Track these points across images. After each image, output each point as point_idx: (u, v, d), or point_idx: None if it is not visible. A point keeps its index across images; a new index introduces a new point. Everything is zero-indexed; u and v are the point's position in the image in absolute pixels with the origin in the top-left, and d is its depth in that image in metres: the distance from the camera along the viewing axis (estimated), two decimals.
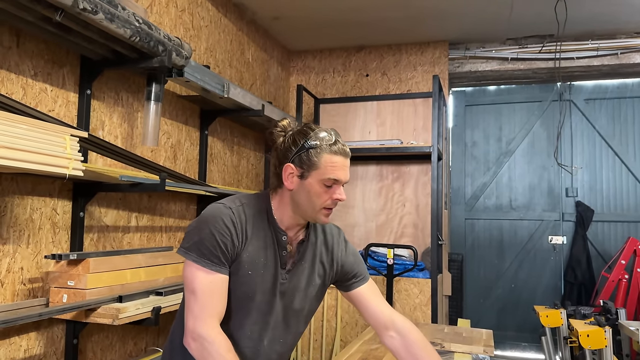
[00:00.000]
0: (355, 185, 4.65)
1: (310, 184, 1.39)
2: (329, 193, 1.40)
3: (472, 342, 2.56)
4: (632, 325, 3.45)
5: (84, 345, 2.51)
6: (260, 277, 1.42)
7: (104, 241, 2.64)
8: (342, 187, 1.41)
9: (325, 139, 1.39)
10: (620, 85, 5.30)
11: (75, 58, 2.47)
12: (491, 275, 5.48)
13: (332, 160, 1.38)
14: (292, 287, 1.48)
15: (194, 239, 1.37)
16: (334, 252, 1.58)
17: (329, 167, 1.38)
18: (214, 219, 1.38)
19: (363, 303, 1.61)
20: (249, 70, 4.29)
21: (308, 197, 1.40)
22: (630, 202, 5.20)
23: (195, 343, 1.31)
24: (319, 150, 1.38)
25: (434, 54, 4.95)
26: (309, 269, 1.51)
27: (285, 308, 1.49)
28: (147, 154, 2.95)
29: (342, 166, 1.40)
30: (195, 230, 1.39)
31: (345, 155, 1.41)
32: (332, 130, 1.43)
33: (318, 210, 1.41)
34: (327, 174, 1.38)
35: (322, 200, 1.40)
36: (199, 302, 1.33)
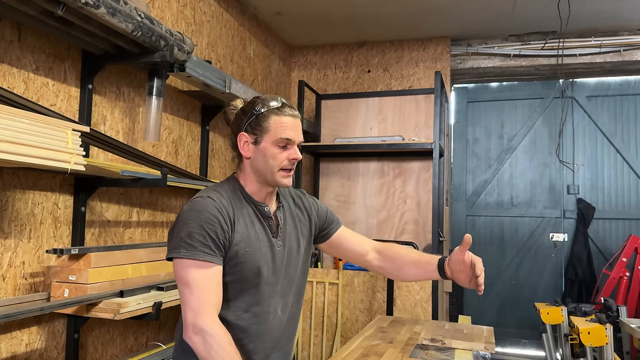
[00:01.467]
0: (357, 182, 4.64)
1: (265, 147, 1.45)
2: (284, 154, 1.45)
3: (473, 339, 2.56)
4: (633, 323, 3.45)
5: (85, 339, 2.51)
6: (259, 252, 1.46)
7: (105, 236, 2.64)
8: (296, 147, 1.47)
9: (272, 104, 1.46)
10: (622, 82, 5.28)
11: (77, 52, 2.46)
12: (492, 272, 5.48)
13: (281, 121, 1.45)
14: (288, 251, 1.55)
15: (181, 235, 1.37)
16: (307, 207, 1.67)
17: (279, 128, 1.44)
18: (197, 212, 1.40)
19: (345, 243, 1.73)
20: (250, 66, 4.28)
21: (265, 161, 1.45)
22: (632, 200, 5.19)
23: (197, 337, 1.31)
24: (267, 114, 1.45)
25: (436, 50, 4.94)
26: (293, 230, 1.59)
27: (287, 272, 1.55)
28: (148, 149, 2.95)
29: (292, 126, 1.46)
30: (179, 228, 1.39)
31: (294, 117, 1.48)
32: (279, 97, 1.49)
33: (276, 172, 1.46)
34: (278, 134, 1.44)
35: (278, 162, 1.45)
36: (195, 295, 1.34)
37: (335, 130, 4.71)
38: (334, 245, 1.74)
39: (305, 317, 4.13)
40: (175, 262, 1.38)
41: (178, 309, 2.63)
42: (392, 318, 3.16)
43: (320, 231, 1.70)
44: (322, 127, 4.74)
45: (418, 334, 2.66)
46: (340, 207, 4.65)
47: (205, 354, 1.31)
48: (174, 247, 1.38)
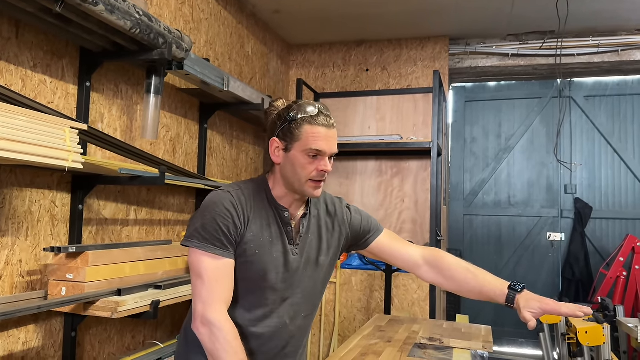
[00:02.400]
0: (355, 181, 4.64)
1: (294, 156, 1.41)
2: (313, 165, 1.40)
3: (471, 338, 2.56)
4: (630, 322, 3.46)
5: (82, 338, 2.50)
6: (269, 255, 1.44)
7: (102, 234, 2.63)
8: (327, 159, 1.42)
9: (308, 111, 1.40)
10: (620, 83, 5.29)
11: (75, 50, 2.45)
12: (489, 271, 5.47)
13: (314, 131, 1.39)
14: (305, 261, 1.50)
15: (196, 226, 1.39)
16: (339, 217, 1.60)
17: (310, 137, 1.39)
18: (214, 204, 1.41)
19: (387, 252, 1.66)
20: (248, 64, 4.27)
21: (293, 170, 1.42)
22: (629, 200, 5.21)
23: (205, 328, 1.33)
24: (300, 122, 1.39)
25: (435, 49, 4.94)
26: (316, 240, 1.53)
27: (301, 282, 1.50)
28: (146, 147, 2.94)
29: (325, 137, 1.40)
30: (197, 218, 1.41)
31: (328, 126, 1.41)
32: (319, 104, 1.44)
33: (304, 182, 1.42)
34: (308, 145, 1.39)
35: (307, 172, 1.40)
36: (206, 287, 1.35)
37: None
38: (375, 254, 1.68)
39: None
40: (189, 251, 1.40)
41: (176, 307, 2.63)
42: (390, 317, 3.16)
43: (356, 241, 1.65)
44: None
45: (416, 333, 2.67)
46: None
47: (210, 346, 1.32)
48: (189, 236, 1.40)
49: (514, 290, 1.53)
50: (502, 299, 1.54)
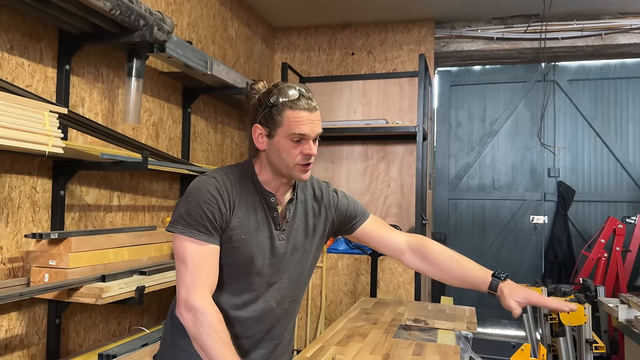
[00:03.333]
0: (341, 165, 4.64)
1: (278, 142, 1.39)
2: (298, 149, 1.39)
3: (455, 319, 2.59)
4: (611, 302, 3.53)
5: (67, 325, 2.48)
6: (256, 241, 1.43)
7: (85, 220, 2.60)
8: (311, 142, 1.41)
9: (289, 95, 1.38)
10: (603, 66, 5.33)
11: (53, 32, 2.39)
12: (473, 254, 5.53)
13: (296, 115, 1.37)
14: (292, 246, 1.50)
15: (181, 211, 1.38)
16: (325, 201, 1.60)
17: (292, 123, 1.37)
18: (199, 190, 1.39)
19: (372, 238, 1.67)
20: (232, 47, 4.22)
21: (278, 155, 1.40)
22: (611, 183, 5.28)
23: (188, 314, 1.32)
24: (282, 107, 1.38)
25: (420, 33, 4.91)
26: (303, 225, 1.53)
27: (287, 267, 1.50)
28: (128, 131, 2.89)
29: (307, 121, 1.38)
30: (182, 204, 1.40)
31: (310, 109, 1.39)
32: (300, 86, 1.42)
33: (291, 167, 1.41)
34: (291, 130, 1.37)
35: (292, 157, 1.39)
36: (189, 273, 1.34)
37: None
38: (361, 239, 1.68)
39: None
40: (174, 236, 1.39)
41: (161, 293, 2.62)
42: (376, 300, 3.18)
43: (342, 226, 1.64)
44: None
45: (401, 314, 2.69)
46: None
47: (194, 332, 1.32)
48: (173, 221, 1.39)
49: (497, 279, 1.56)
50: (485, 286, 1.58)
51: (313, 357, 1.97)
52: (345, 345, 2.13)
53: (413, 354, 2.02)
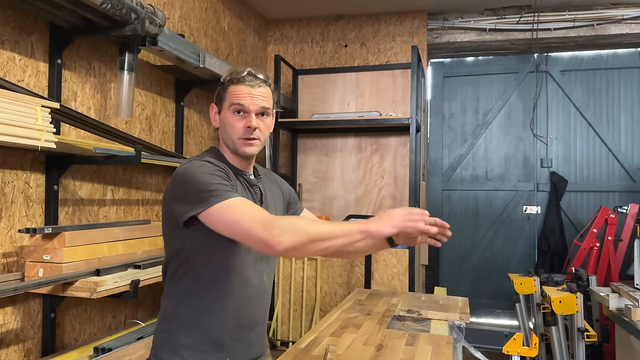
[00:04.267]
0: (335, 158, 4.64)
1: (224, 116, 1.47)
2: (241, 122, 1.44)
3: (448, 310, 2.62)
4: (602, 291, 3.57)
5: (62, 319, 2.49)
6: None
7: (79, 215, 2.60)
8: (253, 116, 1.44)
9: (235, 73, 1.46)
10: (595, 57, 5.35)
11: (44, 26, 2.38)
12: (467, 244, 5.59)
13: (237, 89, 1.44)
14: None
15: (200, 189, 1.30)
16: (279, 183, 1.68)
17: (232, 95, 1.44)
18: (201, 166, 1.36)
19: None
20: (225, 40, 4.20)
21: (225, 130, 1.47)
22: (603, 173, 5.31)
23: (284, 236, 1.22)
24: (228, 84, 1.46)
25: (413, 24, 4.91)
26: (272, 200, 1.59)
27: None
28: (121, 125, 2.89)
29: (248, 94, 1.43)
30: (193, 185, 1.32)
31: (252, 85, 1.44)
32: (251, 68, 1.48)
33: (236, 140, 1.45)
34: (230, 101, 1.44)
35: (235, 130, 1.44)
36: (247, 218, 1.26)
37: (312, 105, 4.68)
38: None
39: (284, 292, 4.17)
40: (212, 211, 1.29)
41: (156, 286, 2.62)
42: (370, 291, 3.21)
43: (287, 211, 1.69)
44: (299, 103, 4.71)
45: (395, 305, 2.71)
46: (318, 183, 4.66)
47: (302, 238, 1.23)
48: (200, 200, 1.29)
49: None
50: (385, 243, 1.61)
51: (307, 348, 1.99)
52: (339, 335, 2.15)
53: (406, 344, 2.05)
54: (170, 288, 1.48)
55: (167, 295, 1.48)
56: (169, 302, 1.48)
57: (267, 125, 1.49)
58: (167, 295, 1.48)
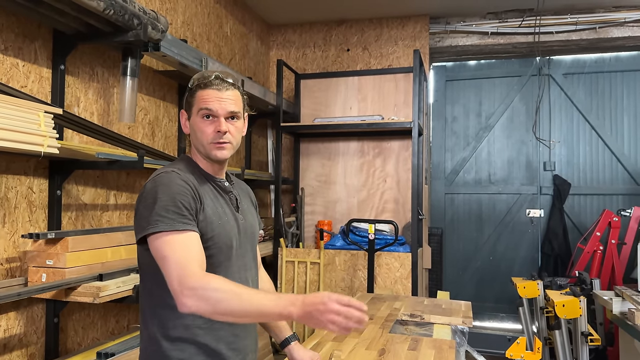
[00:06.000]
0: (337, 162, 4.65)
1: (194, 122, 1.45)
2: (211, 127, 1.43)
3: (451, 314, 2.61)
4: (606, 295, 3.56)
5: (65, 323, 2.49)
6: (228, 224, 1.46)
7: (82, 220, 2.61)
8: (222, 119, 1.43)
9: (202, 78, 1.45)
10: (597, 60, 5.34)
11: (48, 32, 2.40)
12: (470, 248, 5.58)
13: (204, 93, 1.43)
14: (250, 225, 1.57)
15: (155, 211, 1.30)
16: (249, 193, 1.69)
17: (200, 100, 1.43)
18: (166, 186, 1.35)
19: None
20: (227, 45, 4.22)
21: (195, 136, 1.46)
22: (606, 176, 5.30)
23: (191, 298, 1.19)
24: (195, 89, 1.45)
25: (415, 28, 4.92)
26: (247, 204, 1.61)
27: (252, 246, 1.58)
28: (124, 130, 2.90)
29: (215, 98, 1.43)
30: (151, 205, 1.32)
31: (219, 89, 1.44)
32: (219, 72, 1.47)
33: (206, 145, 1.45)
34: (199, 106, 1.43)
35: (206, 135, 1.44)
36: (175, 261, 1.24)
37: (315, 110, 4.68)
38: None
39: None
40: (153, 238, 1.29)
41: None
42: (373, 295, 3.20)
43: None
44: (301, 107, 4.72)
45: (398, 310, 2.71)
46: (321, 187, 4.66)
47: (209, 308, 1.20)
48: (149, 223, 1.29)
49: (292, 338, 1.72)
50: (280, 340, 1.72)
51: None
52: (341, 340, 2.14)
53: (408, 349, 2.04)
54: (151, 308, 1.41)
55: (150, 316, 1.41)
56: (152, 323, 1.40)
57: (238, 128, 1.48)
58: (150, 316, 1.41)
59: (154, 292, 1.40)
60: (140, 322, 1.47)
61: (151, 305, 1.41)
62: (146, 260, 1.38)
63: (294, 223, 4.53)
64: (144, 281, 1.45)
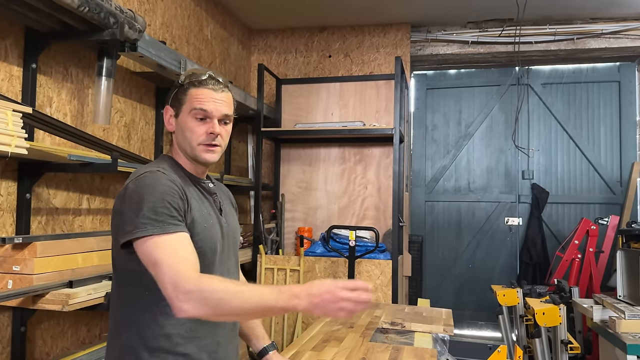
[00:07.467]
0: (318, 168, 4.61)
1: (183, 120, 1.40)
2: (203, 127, 1.39)
3: (432, 322, 2.58)
4: (585, 303, 3.57)
5: (33, 332, 2.39)
6: (214, 228, 1.41)
7: (53, 224, 2.51)
8: (216, 122, 1.40)
9: (195, 76, 1.41)
10: (575, 70, 5.42)
11: (19, 29, 2.31)
12: (450, 255, 5.58)
13: (199, 92, 1.39)
14: (233, 229, 1.52)
15: (142, 213, 1.23)
16: (229, 196, 1.64)
17: (194, 99, 1.38)
18: (152, 186, 1.28)
19: None
20: (207, 48, 4.16)
21: (183, 135, 1.40)
22: (584, 185, 5.36)
23: (188, 302, 1.14)
24: (187, 86, 1.40)
25: (397, 36, 4.93)
26: (228, 207, 1.56)
27: (234, 250, 1.53)
28: (99, 133, 2.82)
29: (210, 99, 1.39)
30: (137, 206, 1.25)
31: (214, 90, 1.40)
32: (211, 71, 1.44)
33: (195, 146, 1.40)
34: (192, 105, 1.38)
35: (196, 136, 1.39)
36: (168, 265, 1.18)
37: (296, 115, 4.64)
38: None
39: None
40: (142, 242, 1.22)
41: None
42: None
43: None
44: (282, 113, 4.67)
45: (378, 317, 2.67)
46: (301, 194, 4.61)
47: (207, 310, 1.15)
48: (137, 226, 1.22)
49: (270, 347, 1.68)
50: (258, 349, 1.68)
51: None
52: (321, 350, 2.09)
53: (389, 358, 2.00)
54: (126, 319, 1.34)
55: (125, 325, 1.33)
56: (129, 331, 1.32)
57: (228, 132, 1.45)
58: (126, 325, 1.33)
59: (134, 299, 1.32)
60: (112, 331, 1.39)
61: (128, 313, 1.34)
62: (127, 265, 1.31)
63: (273, 229, 4.47)
64: (120, 287, 1.37)
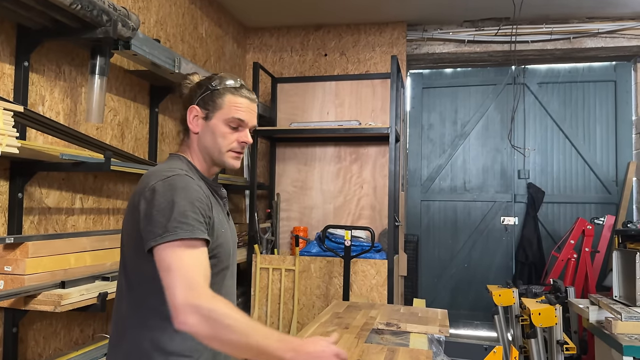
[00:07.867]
0: (314, 167, 4.59)
1: (215, 125, 1.39)
2: (234, 135, 1.40)
3: (427, 322, 2.57)
4: (581, 303, 3.57)
5: (25, 333, 2.36)
6: (227, 232, 1.42)
7: (45, 224, 2.48)
8: (247, 131, 1.42)
9: (230, 82, 1.42)
10: (571, 70, 5.41)
11: (11, 27, 2.29)
12: (445, 255, 5.57)
13: (236, 101, 1.40)
14: (234, 232, 1.52)
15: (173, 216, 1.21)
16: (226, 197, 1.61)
17: (232, 107, 1.39)
18: (183, 189, 1.26)
19: None
20: (202, 46, 4.13)
21: (213, 139, 1.40)
22: (579, 184, 5.36)
23: (195, 316, 1.11)
24: (223, 92, 1.40)
25: (393, 35, 4.91)
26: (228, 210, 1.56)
27: (235, 254, 1.51)
28: (92, 131, 2.79)
29: (247, 109, 1.41)
30: (168, 208, 1.23)
31: (250, 99, 1.43)
32: (239, 78, 1.44)
33: (224, 152, 1.41)
34: (231, 114, 1.39)
35: (227, 142, 1.40)
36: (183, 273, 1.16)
37: (291, 114, 4.62)
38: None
39: (261, 304, 4.07)
40: (167, 246, 1.19)
41: None
42: (348, 303, 3.14)
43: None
44: (278, 111, 4.65)
45: (374, 318, 2.65)
46: (297, 193, 4.59)
47: (210, 332, 1.12)
48: (168, 230, 1.19)
49: None
50: None
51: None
52: None
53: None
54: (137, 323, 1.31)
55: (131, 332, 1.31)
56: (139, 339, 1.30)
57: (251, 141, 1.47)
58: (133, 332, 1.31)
59: (149, 303, 1.29)
60: (116, 335, 1.36)
61: (140, 317, 1.31)
62: (146, 268, 1.26)
63: (269, 229, 4.45)
64: (133, 290, 1.33)
